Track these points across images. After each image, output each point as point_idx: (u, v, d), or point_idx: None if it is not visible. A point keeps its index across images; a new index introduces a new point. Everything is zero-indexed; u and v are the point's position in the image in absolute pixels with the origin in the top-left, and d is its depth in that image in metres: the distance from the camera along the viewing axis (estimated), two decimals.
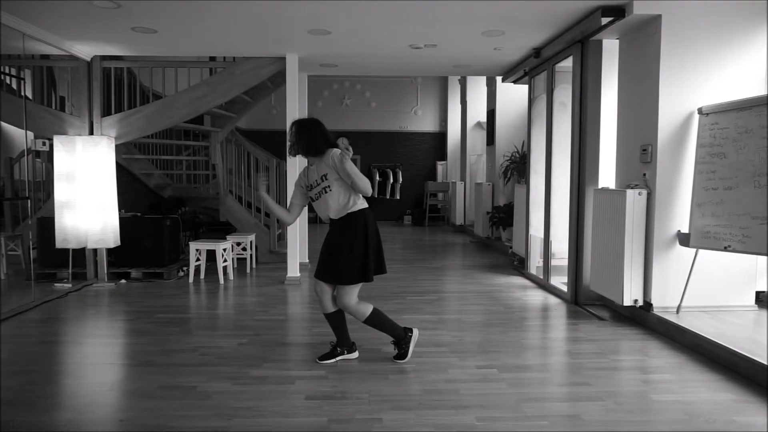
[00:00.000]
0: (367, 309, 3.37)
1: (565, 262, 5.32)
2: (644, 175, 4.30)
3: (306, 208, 3.76)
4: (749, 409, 2.78)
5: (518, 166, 7.79)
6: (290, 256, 6.10)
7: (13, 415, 2.68)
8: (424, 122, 13.52)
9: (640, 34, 4.37)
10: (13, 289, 5.73)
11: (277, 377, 3.19)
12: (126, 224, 6.10)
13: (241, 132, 9.80)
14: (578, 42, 4.97)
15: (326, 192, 3.27)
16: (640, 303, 4.28)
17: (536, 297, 5.33)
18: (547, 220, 5.73)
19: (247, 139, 8.44)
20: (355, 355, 3.51)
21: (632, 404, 2.83)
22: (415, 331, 3.50)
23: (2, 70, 6.14)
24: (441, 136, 13.40)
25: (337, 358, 3.45)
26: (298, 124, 3.36)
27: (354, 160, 3.42)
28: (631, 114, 4.50)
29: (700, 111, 4.06)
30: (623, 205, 4.24)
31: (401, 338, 3.45)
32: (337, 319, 3.46)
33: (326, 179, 3.26)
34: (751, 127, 3.64)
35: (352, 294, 3.32)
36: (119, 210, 6.04)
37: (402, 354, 3.43)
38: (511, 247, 7.42)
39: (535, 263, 6.27)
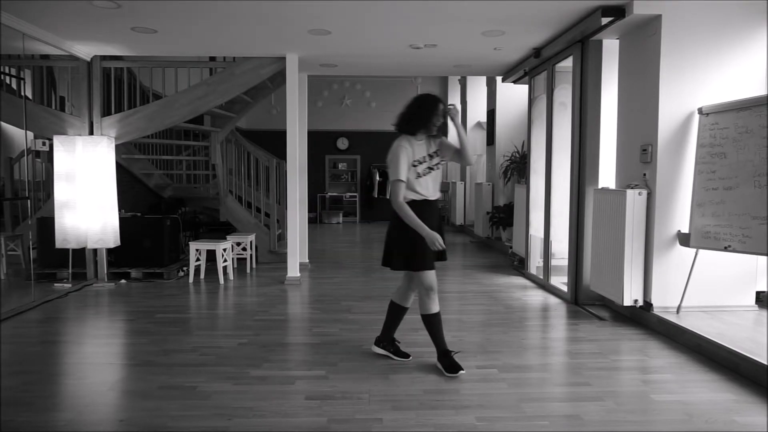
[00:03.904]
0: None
1: (565, 262, 5.32)
2: (644, 175, 4.30)
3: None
4: (749, 409, 2.78)
5: (518, 166, 7.79)
6: (290, 256, 6.10)
7: (13, 415, 2.68)
8: None
9: (640, 34, 4.37)
10: (13, 289, 5.73)
11: (277, 377, 3.19)
12: (126, 224, 6.09)
13: (241, 132, 9.80)
14: (578, 42, 4.97)
15: (438, 168, 3.25)
16: (640, 303, 4.28)
17: (536, 297, 5.33)
18: (547, 220, 5.73)
19: (247, 139, 8.44)
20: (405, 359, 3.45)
21: (632, 404, 2.83)
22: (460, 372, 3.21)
23: (2, 70, 6.14)
24: None
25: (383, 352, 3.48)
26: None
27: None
28: (631, 114, 4.50)
29: (700, 111, 4.06)
30: (623, 205, 4.24)
31: (441, 353, 3.29)
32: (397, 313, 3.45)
33: (438, 155, 3.24)
34: (751, 127, 3.64)
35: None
36: (119, 210, 6.04)
37: (448, 367, 3.22)
38: (511, 247, 7.42)
39: (535, 263, 6.27)
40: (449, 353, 3.26)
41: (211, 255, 6.21)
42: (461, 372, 3.16)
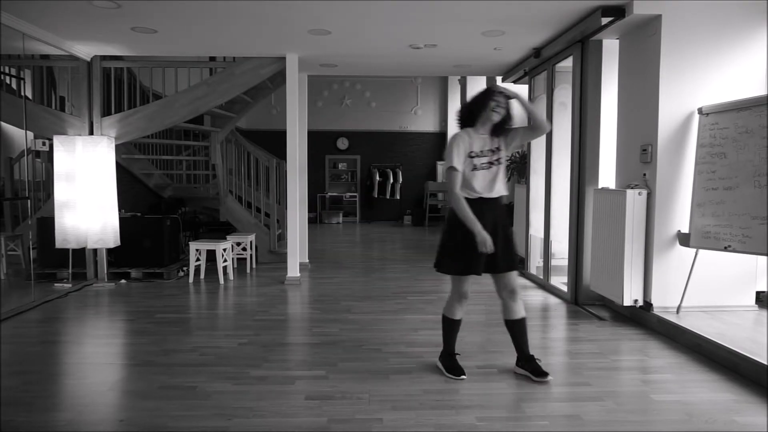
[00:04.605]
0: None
1: (565, 262, 5.32)
2: (644, 175, 4.30)
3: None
4: (749, 409, 2.78)
5: (518, 166, 7.78)
6: (290, 256, 6.10)
7: (13, 415, 2.69)
8: (424, 122, 13.52)
9: (640, 34, 4.37)
10: (13, 289, 5.73)
11: (277, 377, 3.19)
12: (126, 224, 6.09)
13: (241, 132, 9.80)
14: (578, 42, 4.97)
15: (499, 163, 3.06)
16: (640, 303, 4.28)
17: (536, 297, 5.33)
18: (547, 220, 5.73)
19: (247, 139, 8.44)
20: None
21: (632, 404, 2.83)
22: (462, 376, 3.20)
23: (2, 70, 6.13)
24: (441, 136, 13.40)
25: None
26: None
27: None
28: (631, 114, 4.50)
29: (700, 111, 4.06)
30: (623, 205, 4.24)
31: (446, 354, 3.30)
32: (518, 328, 3.23)
33: (500, 150, 3.07)
34: (751, 127, 3.64)
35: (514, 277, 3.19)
36: (119, 210, 6.04)
37: (450, 368, 3.24)
38: None
39: (535, 263, 6.27)
40: (455, 356, 3.26)
41: (211, 255, 6.21)
42: (462, 377, 3.15)
